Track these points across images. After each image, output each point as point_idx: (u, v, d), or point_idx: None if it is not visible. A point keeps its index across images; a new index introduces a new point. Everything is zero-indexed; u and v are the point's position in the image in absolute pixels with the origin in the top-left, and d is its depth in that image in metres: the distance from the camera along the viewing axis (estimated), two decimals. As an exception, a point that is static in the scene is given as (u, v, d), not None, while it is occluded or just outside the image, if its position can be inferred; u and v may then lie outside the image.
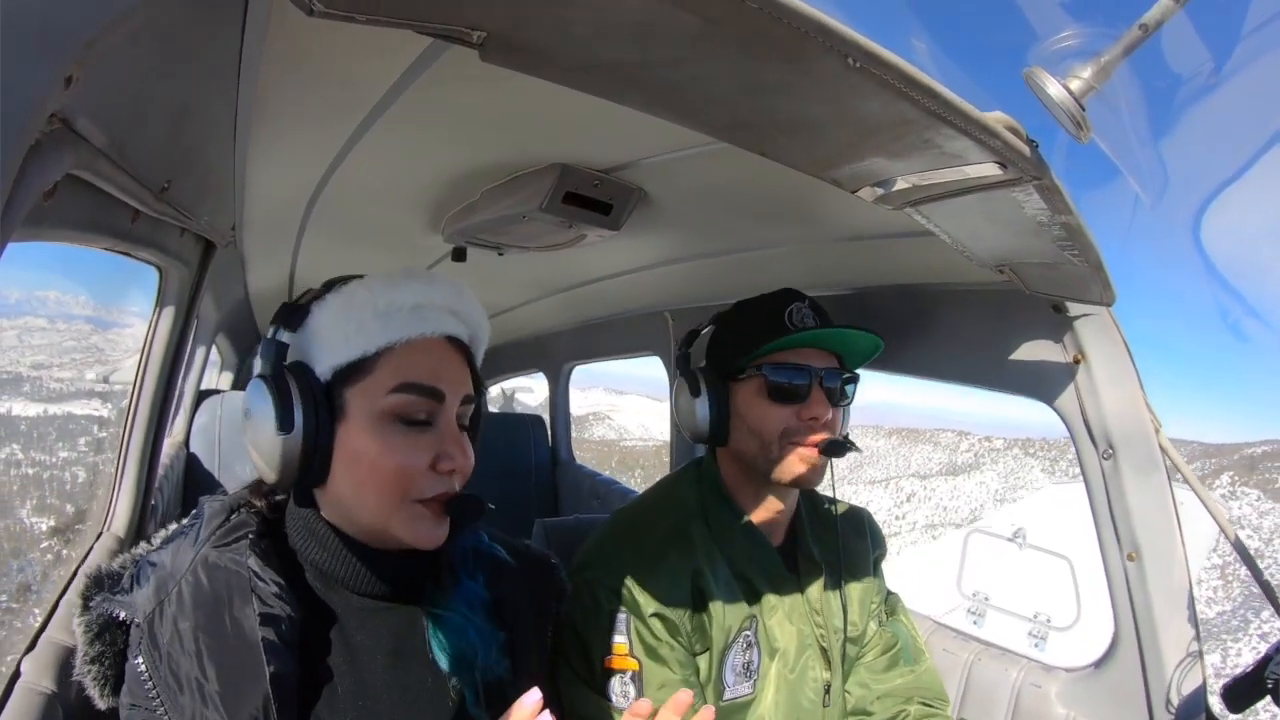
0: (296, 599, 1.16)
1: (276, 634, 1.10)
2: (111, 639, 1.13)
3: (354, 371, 1.16)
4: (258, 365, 1.20)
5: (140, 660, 1.09)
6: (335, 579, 1.23)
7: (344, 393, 1.16)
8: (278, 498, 1.27)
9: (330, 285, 1.24)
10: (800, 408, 1.69)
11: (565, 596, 1.55)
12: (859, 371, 1.81)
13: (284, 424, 1.11)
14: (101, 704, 1.13)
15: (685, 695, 1.22)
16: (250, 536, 1.18)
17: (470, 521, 1.23)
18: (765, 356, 1.70)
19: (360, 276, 1.23)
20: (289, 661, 1.10)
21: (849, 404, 1.80)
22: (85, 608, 1.14)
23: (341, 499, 1.19)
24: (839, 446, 1.70)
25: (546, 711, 1.08)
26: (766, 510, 1.80)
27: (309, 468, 1.14)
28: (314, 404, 1.13)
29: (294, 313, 1.20)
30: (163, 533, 1.27)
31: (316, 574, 1.23)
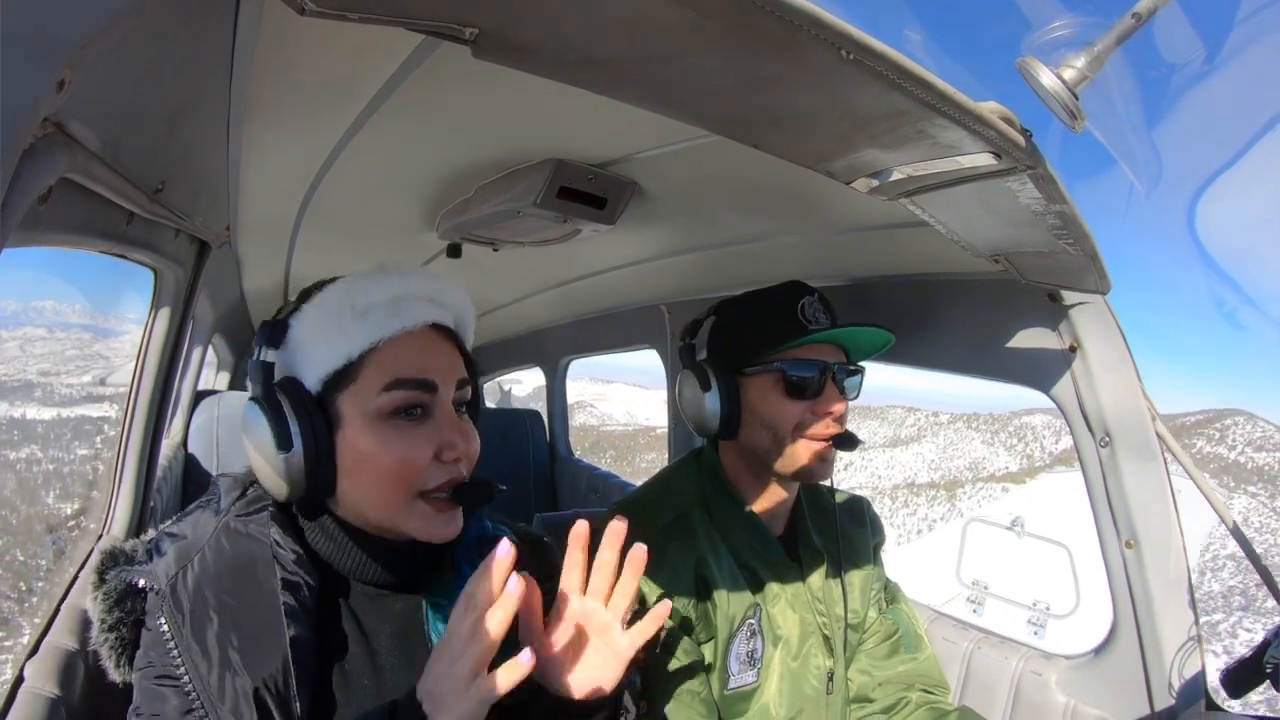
0: (314, 569, 1.18)
1: (296, 599, 1.13)
2: (131, 606, 1.14)
3: (342, 377, 1.16)
4: (250, 387, 1.22)
5: (163, 621, 1.11)
6: (339, 566, 1.24)
7: (336, 400, 1.16)
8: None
9: (305, 295, 1.24)
10: (814, 403, 1.70)
11: (557, 575, 1.53)
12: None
13: (283, 443, 1.12)
14: (115, 675, 1.15)
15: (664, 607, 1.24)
16: (271, 508, 1.21)
17: (481, 505, 1.25)
18: (781, 353, 1.70)
19: (333, 280, 1.23)
20: (307, 627, 1.13)
21: (856, 397, 1.81)
22: (101, 580, 1.16)
23: (354, 502, 1.19)
24: (850, 440, 1.72)
25: (515, 576, 1.05)
26: (768, 500, 1.80)
27: (315, 480, 1.15)
28: (309, 417, 1.14)
29: (274, 329, 1.19)
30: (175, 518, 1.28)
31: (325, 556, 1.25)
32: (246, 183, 1.98)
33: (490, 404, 5.71)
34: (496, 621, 1.01)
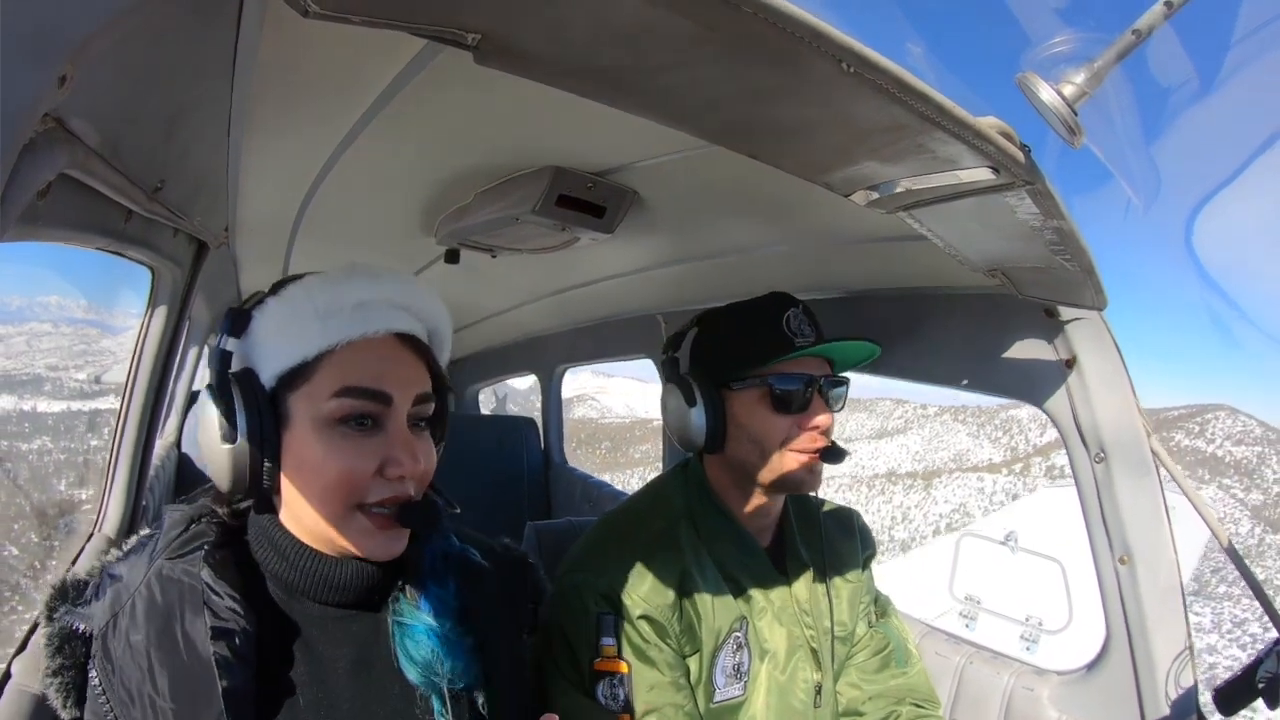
0: (255, 612, 1.12)
1: (230, 648, 1.07)
2: (72, 651, 1.09)
3: (296, 376, 1.12)
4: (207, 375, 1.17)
5: (94, 673, 1.08)
6: (296, 589, 1.19)
7: (288, 399, 1.13)
8: (240, 505, 1.23)
9: (276, 288, 1.19)
10: (801, 417, 1.69)
11: (543, 596, 1.50)
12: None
13: (228, 434, 1.09)
14: (65, 715, 1.10)
15: None
16: (205, 547, 1.15)
17: (426, 529, 1.20)
18: (767, 368, 1.70)
19: (306, 275, 1.19)
20: (244, 677, 1.07)
21: (841, 409, 1.80)
22: (49, 619, 1.11)
23: (293, 507, 1.15)
24: (837, 453, 1.71)
25: None
26: (755, 513, 1.80)
27: (258, 476, 1.12)
28: (258, 412, 1.10)
29: (237, 318, 1.15)
30: (130, 540, 1.23)
31: (278, 584, 1.19)
32: (246, 183, 1.98)
33: (485, 410, 5.69)
34: None
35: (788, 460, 1.70)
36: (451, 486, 1.28)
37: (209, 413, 1.11)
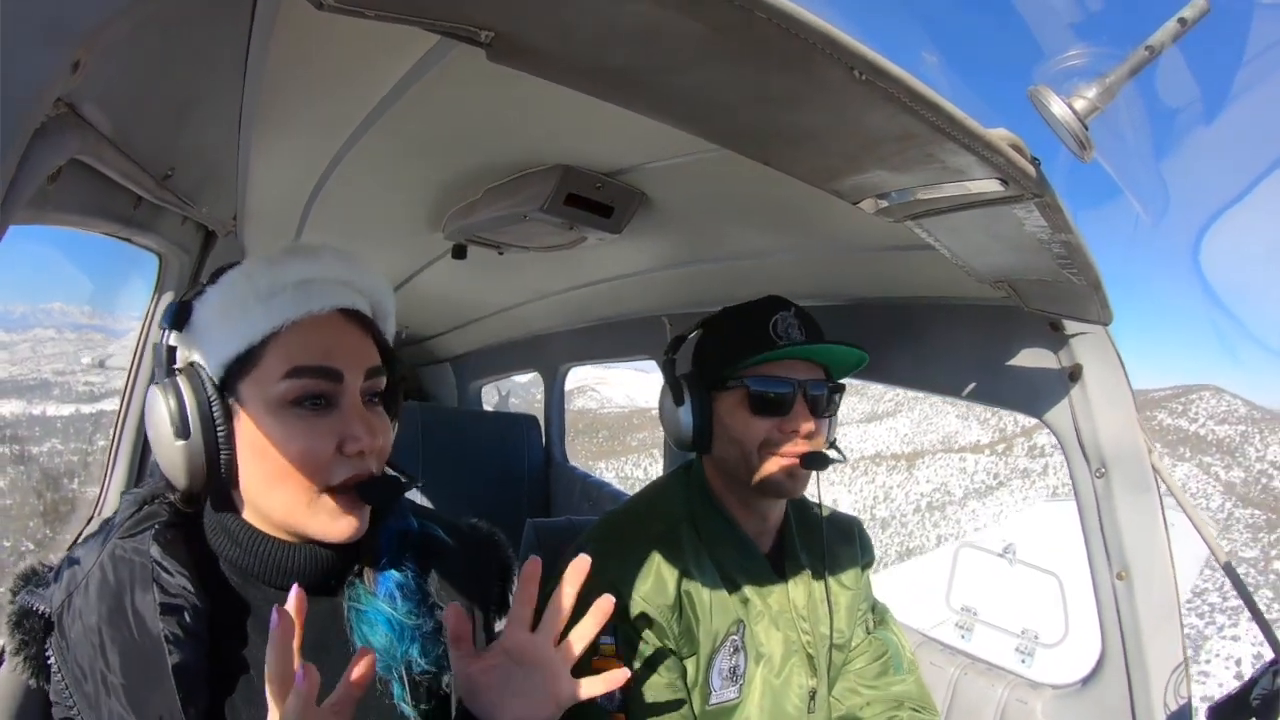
0: (206, 590, 1.13)
1: (180, 624, 1.07)
2: (30, 627, 1.11)
3: (244, 363, 1.11)
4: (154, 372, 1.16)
5: (50, 652, 1.09)
6: (250, 573, 1.19)
7: (237, 387, 1.12)
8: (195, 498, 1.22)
9: (215, 275, 1.17)
10: (783, 420, 1.69)
11: (512, 575, 1.45)
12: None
13: (180, 430, 1.08)
14: (34, 686, 1.14)
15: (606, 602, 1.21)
16: (156, 526, 1.15)
17: (389, 503, 1.20)
18: (749, 369, 1.70)
19: (241, 261, 1.19)
20: (194, 653, 1.07)
21: (834, 415, 1.80)
22: (12, 599, 1.13)
23: (253, 497, 1.15)
24: (820, 459, 1.70)
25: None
26: (754, 516, 1.80)
27: (214, 471, 1.11)
28: (207, 405, 1.09)
29: (178, 311, 1.14)
30: (92, 525, 1.25)
31: (231, 567, 1.20)
32: (255, 173, 1.98)
33: (488, 407, 5.69)
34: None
35: (768, 463, 1.70)
36: (453, 482, 1.29)
37: (158, 411, 1.09)
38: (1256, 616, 1.60)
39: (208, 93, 1.31)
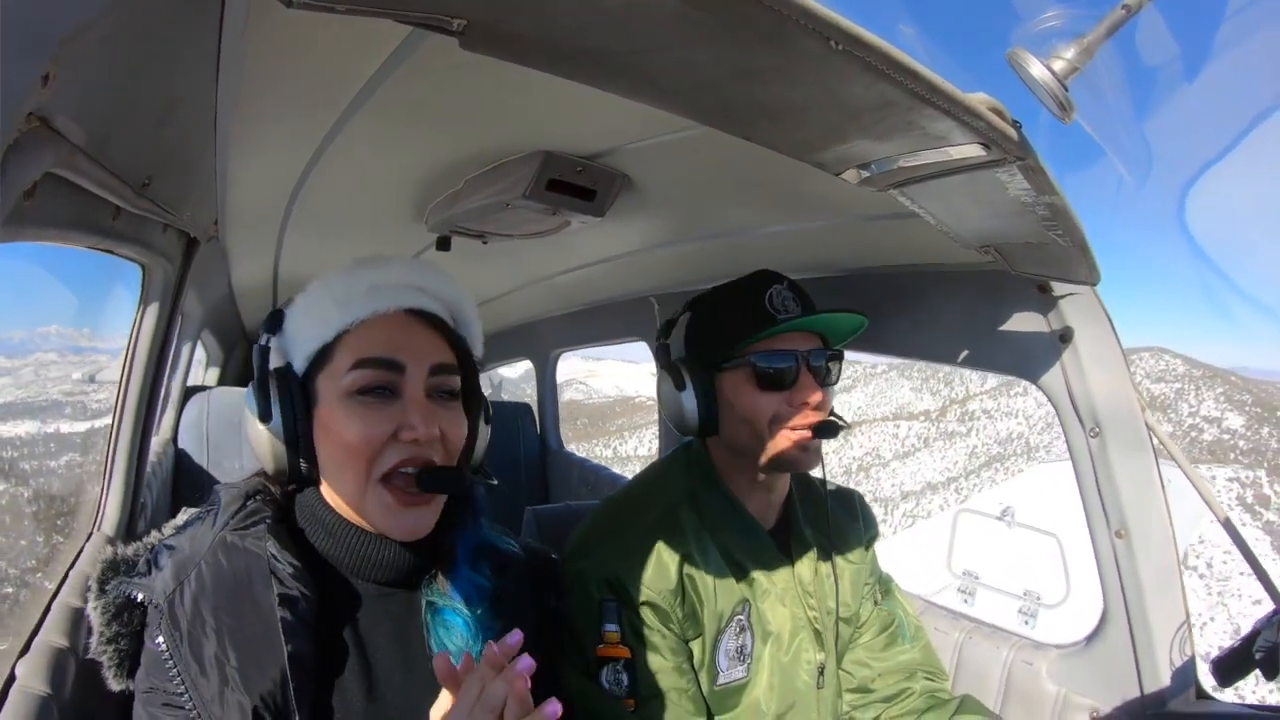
0: (313, 581, 1.20)
1: (294, 614, 1.15)
2: (129, 619, 1.17)
3: (320, 359, 1.24)
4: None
5: (161, 640, 1.13)
6: (341, 564, 1.27)
7: (315, 380, 1.24)
8: (290, 486, 1.31)
9: (306, 287, 1.32)
10: (790, 393, 1.69)
11: (563, 591, 1.58)
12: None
13: (264, 415, 1.21)
14: (115, 685, 1.18)
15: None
16: (268, 521, 1.24)
17: (444, 491, 1.26)
18: (750, 345, 1.70)
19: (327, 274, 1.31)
20: (306, 641, 1.15)
21: (836, 382, 1.80)
22: (101, 590, 1.18)
23: (329, 479, 1.24)
24: (831, 428, 1.70)
25: (526, 655, 1.05)
26: (759, 494, 1.80)
27: (295, 452, 1.22)
28: (290, 394, 1.21)
29: (274, 318, 1.30)
30: (178, 519, 1.32)
31: (324, 560, 1.27)
32: (234, 176, 1.96)
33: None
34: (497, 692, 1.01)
35: (780, 438, 1.70)
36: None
37: (250, 402, 1.23)
38: (1256, 569, 1.61)
39: (181, 98, 1.30)
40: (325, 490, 1.27)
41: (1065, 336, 1.81)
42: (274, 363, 1.27)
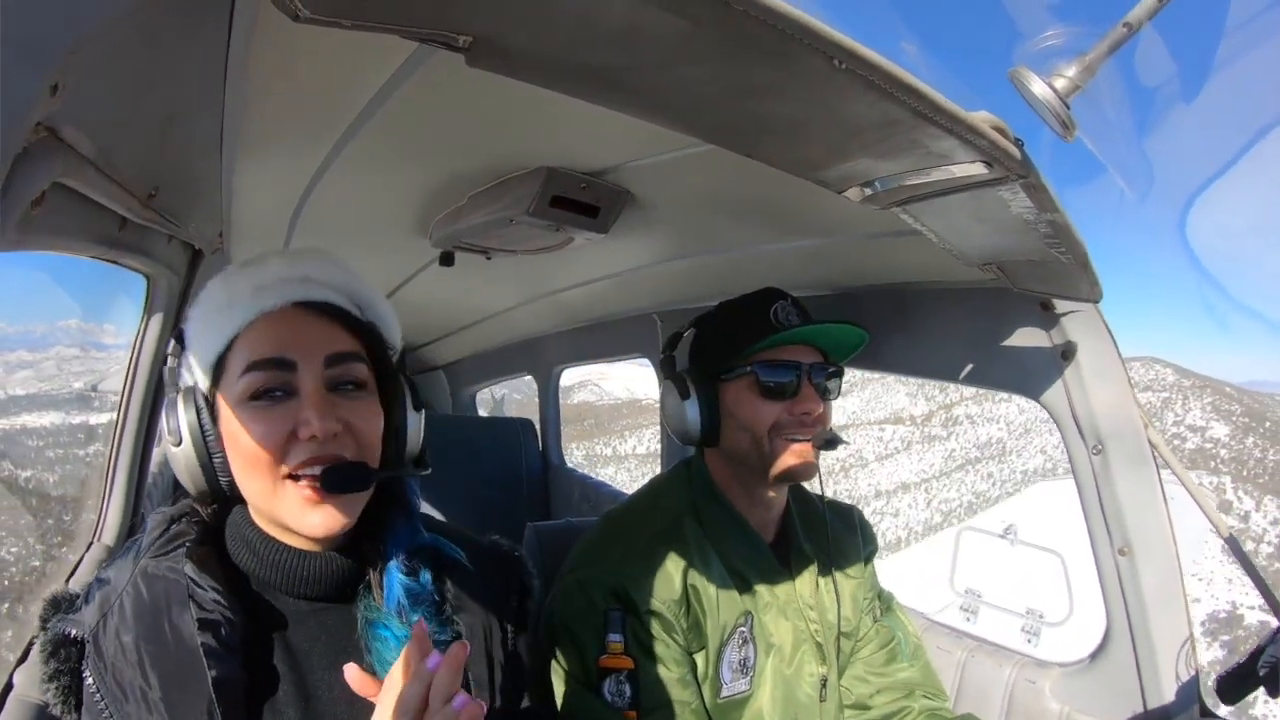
0: (238, 603, 1.16)
1: (216, 638, 1.10)
2: (66, 656, 1.12)
3: (218, 371, 1.18)
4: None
5: (88, 674, 1.10)
6: (268, 584, 1.23)
7: (215, 394, 1.19)
8: (214, 505, 1.27)
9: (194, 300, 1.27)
10: (791, 403, 1.70)
11: (531, 592, 1.46)
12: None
13: (176, 438, 1.17)
14: None
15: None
16: (187, 545, 1.19)
17: (348, 491, 1.18)
18: (754, 355, 1.71)
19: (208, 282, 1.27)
20: (232, 665, 1.10)
21: (836, 397, 1.81)
22: (43, 628, 1.15)
23: (246, 494, 1.19)
24: (832, 440, 1.72)
25: (435, 653, 1.04)
26: (758, 507, 1.81)
27: (210, 471, 1.18)
28: (195, 412, 1.17)
29: (177, 337, 1.26)
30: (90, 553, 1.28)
31: (255, 580, 1.23)
32: (240, 189, 1.97)
33: (483, 412, 5.67)
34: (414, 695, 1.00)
35: (779, 448, 1.71)
36: (450, 488, 1.29)
37: (161, 427, 1.19)
38: (1260, 586, 1.60)
39: (188, 111, 1.30)
40: (251, 506, 1.22)
41: (1067, 353, 1.81)
42: (184, 381, 1.23)
